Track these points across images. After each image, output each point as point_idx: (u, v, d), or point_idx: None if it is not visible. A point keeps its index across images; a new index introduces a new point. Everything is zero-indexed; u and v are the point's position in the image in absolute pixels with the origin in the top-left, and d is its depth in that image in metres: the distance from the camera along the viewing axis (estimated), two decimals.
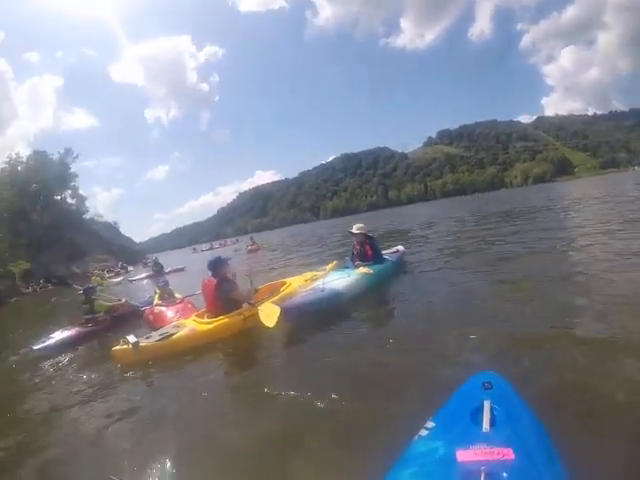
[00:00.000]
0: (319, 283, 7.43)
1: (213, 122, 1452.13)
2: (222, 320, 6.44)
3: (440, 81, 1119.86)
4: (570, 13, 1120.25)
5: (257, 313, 6.22)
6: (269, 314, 6.01)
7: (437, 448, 1.98)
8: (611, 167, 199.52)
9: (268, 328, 5.82)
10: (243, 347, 6.23)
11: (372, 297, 7.68)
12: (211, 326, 6.40)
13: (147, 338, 6.33)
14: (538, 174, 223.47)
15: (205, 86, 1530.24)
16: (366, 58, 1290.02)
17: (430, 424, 2.25)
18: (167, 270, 27.26)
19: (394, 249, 10.51)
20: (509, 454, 1.76)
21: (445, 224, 25.09)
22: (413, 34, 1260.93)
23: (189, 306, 8.74)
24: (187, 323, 6.74)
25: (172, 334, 6.30)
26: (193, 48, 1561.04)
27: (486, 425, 2.02)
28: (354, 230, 8.92)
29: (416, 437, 2.18)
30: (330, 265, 9.74)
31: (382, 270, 8.58)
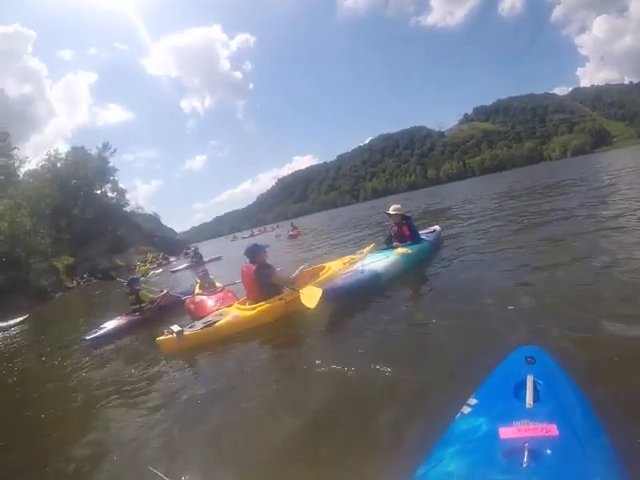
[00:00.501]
0: (359, 265, 7.48)
1: (248, 110, 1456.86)
2: (264, 305, 6.48)
3: (472, 58, 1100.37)
4: None
5: (299, 297, 6.25)
6: (311, 296, 6.06)
7: (480, 425, 1.97)
8: None
9: (310, 310, 5.87)
10: (286, 331, 6.21)
11: (411, 277, 7.73)
12: (253, 312, 6.44)
13: (190, 327, 6.43)
14: (577, 146, 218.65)
15: (238, 74, 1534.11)
16: (398, 37, 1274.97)
17: (473, 401, 2.24)
18: (206, 260, 27.37)
19: (431, 229, 10.50)
20: (553, 430, 1.75)
21: (483, 201, 24.79)
22: (443, 12, 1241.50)
23: (229, 295, 8.76)
24: (229, 311, 6.84)
25: (215, 322, 6.38)
26: (225, 37, 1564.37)
27: (529, 401, 1.99)
28: (390, 211, 8.91)
29: (458, 414, 2.19)
30: (368, 248, 9.59)
31: (420, 250, 8.59)
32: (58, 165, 61.11)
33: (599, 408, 2.06)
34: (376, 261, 7.61)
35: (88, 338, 8.73)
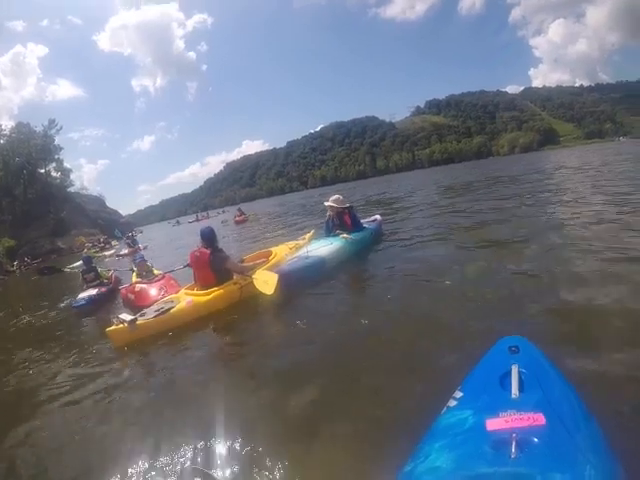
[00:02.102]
0: (303, 251, 7.69)
1: (200, 92, 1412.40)
2: (219, 291, 6.40)
3: (430, 52, 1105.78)
4: None
5: (252, 282, 6.31)
6: (266, 281, 6.12)
7: (466, 418, 1.99)
8: (596, 137, 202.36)
9: (266, 295, 5.95)
10: (241, 317, 6.10)
11: (357, 263, 8.03)
12: (209, 297, 6.31)
13: (142, 315, 6.08)
14: (525, 143, 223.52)
15: (192, 55, 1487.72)
16: (356, 28, 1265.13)
17: (458, 394, 2.26)
18: (141, 246, 26.77)
19: (372, 218, 10.84)
20: (540, 419, 1.78)
21: (426, 193, 25.69)
22: (404, 5, 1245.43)
23: (172, 282, 8.51)
24: (181, 297, 6.54)
25: (169, 308, 6.14)
26: (181, 15, 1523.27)
27: (515, 391, 2.02)
28: (331, 202, 9.06)
29: (445, 408, 2.20)
30: (309, 234, 10.00)
31: (363, 237, 8.96)
32: (1, 142, 58.77)
33: (586, 395, 2.12)
34: (321, 247, 7.84)
35: (75, 305, 9.01)
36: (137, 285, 8.50)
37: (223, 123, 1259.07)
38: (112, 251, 33.41)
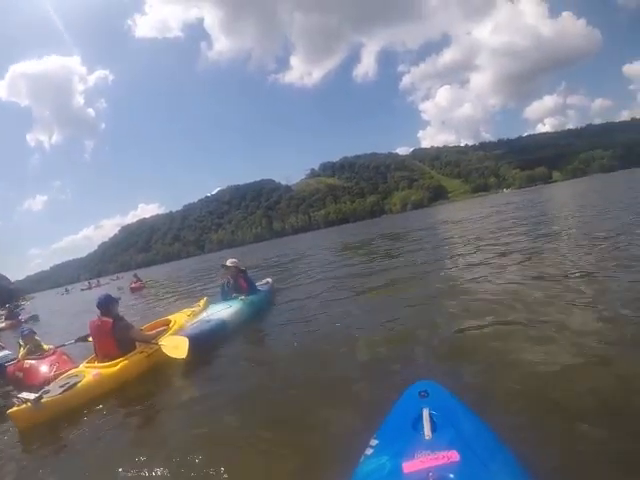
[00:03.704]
0: (204, 315, 7.87)
1: (97, 151, 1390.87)
2: (125, 361, 6.09)
3: (325, 116, 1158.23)
4: (447, 56, 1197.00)
5: (159, 349, 6.25)
6: (176, 346, 6.07)
7: (384, 464, 1.99)
8: (482, 191, 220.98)
9: (176, 360, 5.94)
10: (151, 386, 5.82)
11: (256, 324, 8.24)
12: (116, 368, 5.95)
13: (45, 393, 5.36)
14: (416, 200, 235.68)
15: (91, 112, 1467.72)
16: (255, 93, 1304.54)
17: (374, 442, 2.28)
18: (22, 318, 24.23)
19: (264, 281, 11.24)
20: (454, 456, 1.81)
21: (321, 253, 26.89)
22: (302, 71, 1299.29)
23: (64, 357, 7.68)
24: (85, 371, 6.04)
25: (75, 383, 5.62)
26: (83, 70, 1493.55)
27: (427, 432, 2.07)
28: (228, 264, 9.34)
29: (362, 457, 2.20)
30: (202, 301, 10.12)
31: (259, 300, 9.35)
32: None
33: (497, 426, 2.29)
34: (220, 310, 8.01)
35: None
36: (26, 362, 7.44)
37: (119, 185, 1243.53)
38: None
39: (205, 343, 6.67)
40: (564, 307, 5.45)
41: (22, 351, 8.13)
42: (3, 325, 22.90)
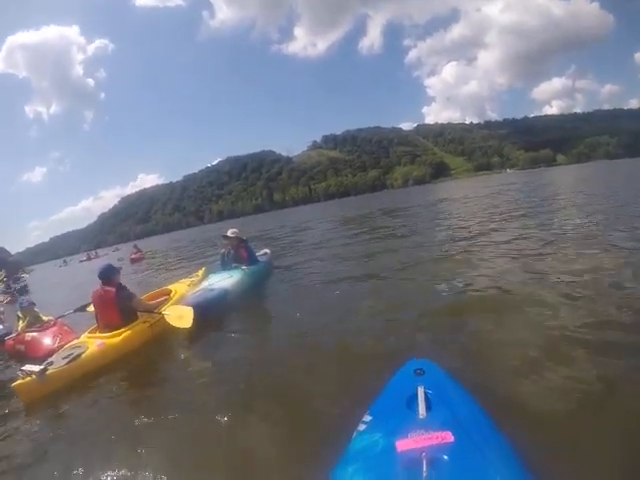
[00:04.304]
0: (206, 284, 7.89)
1: (96, 121, 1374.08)
2: (128, 331, 6.05)
3: (328, 89, 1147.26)
4: (455, 32, 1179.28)
5: (162, 319, 6.27)
6: (181, 316, 6.06)
7: (377, 441, 2.01)
8: (485, 170, 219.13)
9: (181, 330, 5.95)
10: (155, 356, 5.87)
11: (256, 294, 8.33)
12: (120, 338, 5.91)
13: (49, 364, 5.27)
14: (417, 176, 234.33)
15: (91, 82, 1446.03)
16: (258, 63, 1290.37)
17: (367, 418, 2.29)
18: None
19: (262, 252, 11.30)
20: (448, 437, 1.83)
21: (321, 225, 27.05)
22: (306, 42, 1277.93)
23: (65, 328, 7.64)
24: (88, 341, 5.96)
25: (79, 354, 5.53)
26: (82, 39, 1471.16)
27: (422, 411, 2.08)
28: (229, 234, 9.40)
29: (355, 433, 2.22)
30: (200, 271, 10.15)
31: (259, 270, 9.53)
32: None
33: (492, 410, 2.27)
34: (222, 280, 8.01)
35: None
36: (27, 334, 7.52)
37: (119, 155, 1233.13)
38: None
39: (208, 312, 6.64)
40: (564, 288, 5.43)
41: (21, 324, 8.15)
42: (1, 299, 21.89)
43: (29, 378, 5.01)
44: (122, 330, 6.04)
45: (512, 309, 5.01)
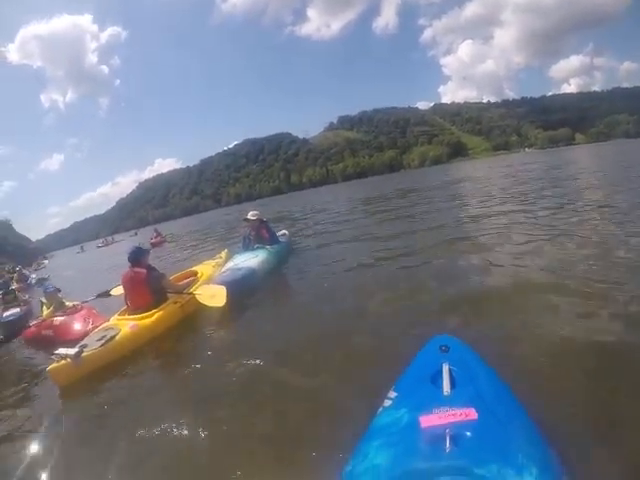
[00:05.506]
0: (231, 264, 8.09)
1: (112, 107, 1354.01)
2: (160, 312, 6.11)
3: (343, 70, 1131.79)
4: (470, 10, 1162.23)
5: (192, 299, 6.38)
6: (214, 295, 6.13)
7: (401, 417, 2.04)
8: (503, 149, 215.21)
9: (212, 309, 6.06)
10: (187, 336, 5.94)
11: (281, 273, 8.57)
12: (152, 319, 5.95)
13: (84, 347, 5.24)
14: (435, 156, 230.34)
15: (105, 69, 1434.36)
16: (272, 45, 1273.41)
17: (392, 394, 2.33)
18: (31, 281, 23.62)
19: (280, 233, 11.33)
20: (471, 414, 1.86)
21: (339, 206, 27.10)
22: (319, 23, 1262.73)
23: (94, 312, 7.70)
24: (120, 323, 5.97)
25: (113, 336, 5.54)
26: (95, 28, 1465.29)
27: (446, 388, 2.12)
28: (249, 217, 9.64)
29: (380, 409, 2.26)
30: (223, 252, 10.27)
31: (281, 249, 9.77)
32: None
33: (517, 388, 2.29)
34: (248, 259, 8.20)
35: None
36: (55, 319, 7.47)
37: (135, 141, 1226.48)
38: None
39: (238, 291, 6.71)
40: (589, 268, 5.36)
41: (46, 309, 8.20)
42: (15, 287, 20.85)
43: (63, 361, 4.98)
44: (154, 311, 6.09)
45: (537, 291, 4.94)
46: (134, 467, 3.21)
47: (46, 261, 57.41)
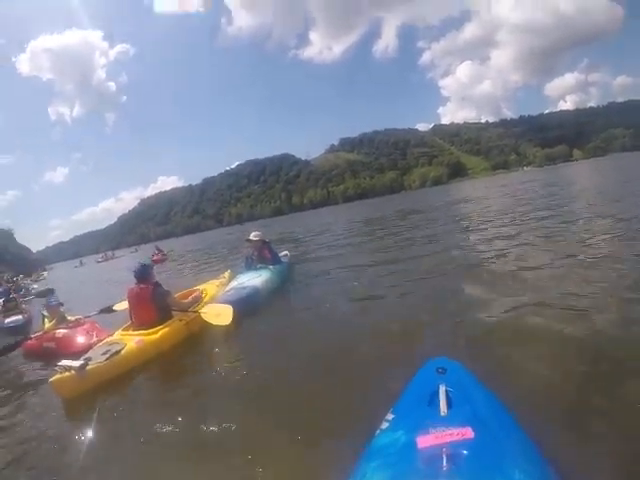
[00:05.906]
0: (236, 284, 8.16)
1: (118, 124, 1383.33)
2: (165, 328, 6.09)
3: (345, 92, 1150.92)
4: (468, 31, 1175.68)
5: (197, 317, 6.38)
6: (220, 314, 6.16)
7: (398, 438, 2.03)
8: (502, 168, 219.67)
9: (217, 328, 6.10)
10: (192, 354, 5.89)
11: (283, 293, 8.58)
12: (157, 335, 5.93)
13: (88, 360, 5.22)
14: (435, 177, 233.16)
15: (113, 85, 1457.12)
16: (275, 68, 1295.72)
17: (390, 416, 2.32)
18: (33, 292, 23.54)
19: (282, 254, 11.44)
20: (468, 433, 1.85)
21: (339, 228, 27.36)
22: (322, 46, 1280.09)
23: (97, 326, 7.63)
24: (124, 338, 5.95)
25: (118, 350, 5.50)
26: (104, 44, 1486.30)
27: (443, 408, 2.11)
28: (252, 237, 9.78)
29: (377, 431, 2.25)
30: (226, 273, 10.29)
31: (283, 269, 9.97)
32: None
33: (514, 406, 2.31)
34: (252, 279, 8.27)
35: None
36: (57, 331, 7.37)
37: (139, 158, 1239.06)
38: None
39: (242, 309, 6.72)
40: (586, 287, 5.44)
41: (47, 322, 8.11)
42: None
43: (67, 373, 4.95)
44: (159, 327, 6.07)
45: (537, 315, 4.89)
46: None
47: (45, 273, 57.38)
